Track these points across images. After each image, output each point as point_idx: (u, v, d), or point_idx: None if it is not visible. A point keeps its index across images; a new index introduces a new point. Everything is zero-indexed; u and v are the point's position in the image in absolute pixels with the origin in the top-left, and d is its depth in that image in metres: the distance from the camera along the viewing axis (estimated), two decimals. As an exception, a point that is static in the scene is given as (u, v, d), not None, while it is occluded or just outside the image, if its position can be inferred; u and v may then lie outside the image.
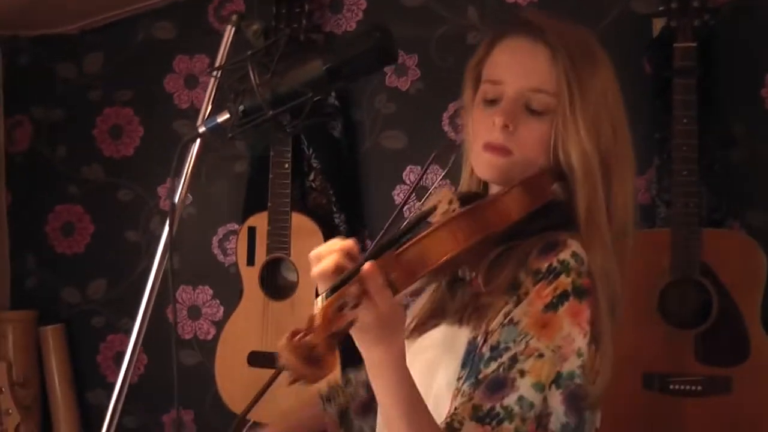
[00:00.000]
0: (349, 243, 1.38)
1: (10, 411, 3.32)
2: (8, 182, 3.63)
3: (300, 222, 3.04)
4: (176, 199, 1.65)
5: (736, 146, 2.95)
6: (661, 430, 2.74)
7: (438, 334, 1.48)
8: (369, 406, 1.72)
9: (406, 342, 1.41)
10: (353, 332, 1.22)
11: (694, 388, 2.70)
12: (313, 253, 1.37)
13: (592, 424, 1.47)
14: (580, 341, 1.33)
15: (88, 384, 3.57)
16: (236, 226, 3.29)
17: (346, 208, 3.16)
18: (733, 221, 2.92)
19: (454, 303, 1.48)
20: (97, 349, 3.57)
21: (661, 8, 2.81)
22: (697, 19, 2.73)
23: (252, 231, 3.11)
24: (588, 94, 1.43)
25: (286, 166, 3.03)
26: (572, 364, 1.32)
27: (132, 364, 1.62)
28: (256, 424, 1.74)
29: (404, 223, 1.39)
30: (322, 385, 1.69)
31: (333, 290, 1.23)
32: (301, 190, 3.21)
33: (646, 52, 2.98)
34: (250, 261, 3.12)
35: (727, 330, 2.69)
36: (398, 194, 3.10)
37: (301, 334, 1.13)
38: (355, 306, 1.17)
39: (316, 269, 1.34)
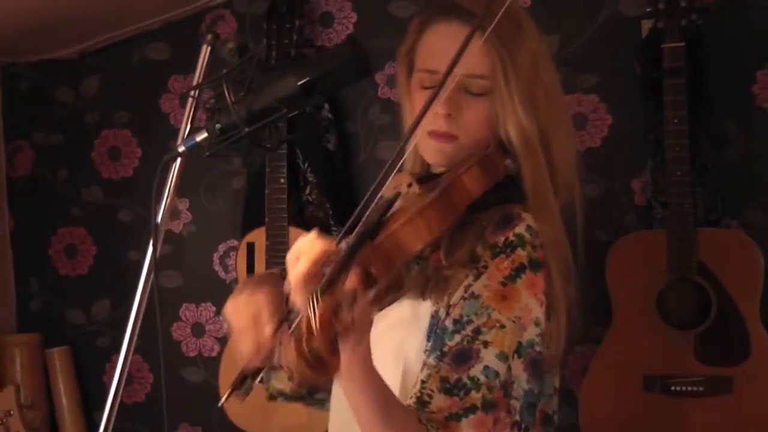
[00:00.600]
0: (325, 243, 1.31)
1: (20, 434, 3.34)
2: (11, 207, 3.66)
3: (298, 236, 2.99)
4: (158, 219, 1.65)
5: (730, 145, 2.94)
6: (663, 431, 2.73)
7: (402, 308, 1.49)
8: None
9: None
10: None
11: (695, 389, 2.69)
12: (291, 255, 1.31)
13: (551, 384, 1.51)
14: (538, 311, 1.39)
15: (96, 404, 3.58)
16: (236, 242, 3.29)
17: (343, 222, 3.14)
18: (729, 220, 2.90)
19: (412, 277, 1.49)
20: (103, 369, 3.58)
21: (648, 9, 2.82)
22: (685, 19, 2.73)
23: (251, 247, 3.12)
24: (519, 67, 1.47)
25: (282, 181, 3.03)
26: (531, 333, 1.37)
27: (122, 384, 1.61)
28: None
29: (372, 211, 1.36)
30: None
31: (323, 291, 1.17)
32: (298, 204, 3.20)
33: (636, 54, 2.97)
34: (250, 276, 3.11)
35: (727, 329, 2.69)
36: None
37: (305, 340, 1.12)
38: (351, 306, 1.16)
39: (295, 272, 1.25)
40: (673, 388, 2.71)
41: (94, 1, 3.08)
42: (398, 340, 1.49)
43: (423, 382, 1.35)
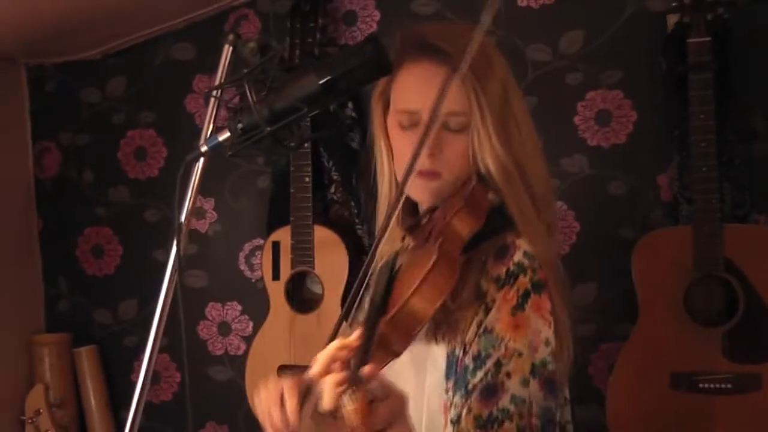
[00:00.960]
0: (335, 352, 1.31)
1: (49, 431, 3.36)
2: (38, 208, 3.68)
3: (323, 235, 3.05)
4: (182, 218, 1.66)
5: (757, 139, 2.92)
6: (690, 429, 2.72)
7: (416, 350, 1.48)
8: None
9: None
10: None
11: (723, 386, 2.68)
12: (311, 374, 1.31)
13: (561, 395, 1.52)
14: (546, 331, 1.42)
15: (124, 403, 3.60)
16: (261, 241, 3.29)
17: (368, 220, 3.16)
18: (757, 216, 2.89)
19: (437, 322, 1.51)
20: (131, 368, 3.60)
21: (674, 4, 2.80)
22: (711, 13, 2.72)
23: (276, 245, 3.13)
24: (492, 101, 1.51)
25: (307, 179, 3.04)
26: (543, 353, 1.41)
27: (147, 384, 1.62)
28: None
29: (376, 279, 1.45)
30: None
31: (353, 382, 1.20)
32: (323, 203, 3.22)
33: (662, 50, 2.95)
34: (276, 275, 3.13)
35: (755, 326, 2.67)
36: (420, 203, 3.10)
37: None
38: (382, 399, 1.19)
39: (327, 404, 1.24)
40: (700, 385, 2.70)
41: (118, 2, 3.10)
42: (416, 380, 1.51)
43: (455, 423, 1.39)
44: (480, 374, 1.39)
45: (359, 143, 3.21)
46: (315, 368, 1.25)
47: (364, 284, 1.37)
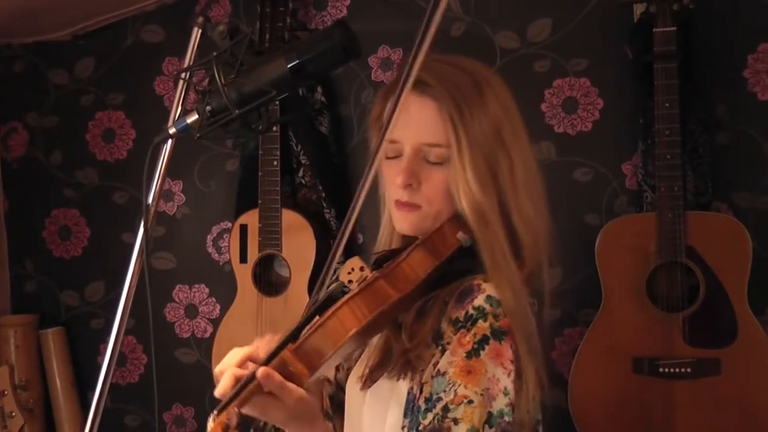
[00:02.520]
0: (246, 352, 1.40)
1: (14, 414, 3.34)
2: (5, 189, 3.65)
3: (290, 218, 3.05)
4: (150, 200, 1.66)
5: (720, 129, 2.95)
6: (651, 413, 2.74)
7: (383, 386, 1.50)
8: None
9: (356, 388, 1.54)
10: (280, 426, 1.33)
11: (683, 370, 2.70)
12: (217, 370, 1.39)
13: None
14: (505, 380, 1.36)
15: (90, 385, 3.57)
16: (229, 224, 3.29)
17: (336, 204, 3.16)
18: (719, 203, 2.92)
19: (393, 356, 1.50)
20: (97, 350, 3.59)
21: (640, -6, 2.83)
22: (676, 3, 2.73)
23: (244, 229, 3.12)
24: (476, 139, 1.44)
25: (275, 163, 3.03)
26: (500, 403, 1.35)
27: (112, 365, 1.62)
28: None
29: (314, 304, 1.41)
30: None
31: (220, 409, 1.29)
32: (291, 186, 3.21)
33: (628, 38, 2.97)
34: (243, 258, 3.12)
35: (715, 312, 2.70)
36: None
37: None
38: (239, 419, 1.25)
39: (218, 391, 1.34)
40: (661, 370, 2.72)
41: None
42: (378, 416, 1.51)
43: None
44: (429, 417, 1.36)
45: (328, 127, 3.21)
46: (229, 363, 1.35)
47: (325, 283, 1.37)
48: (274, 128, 3.02)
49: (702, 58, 2.88)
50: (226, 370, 1.36)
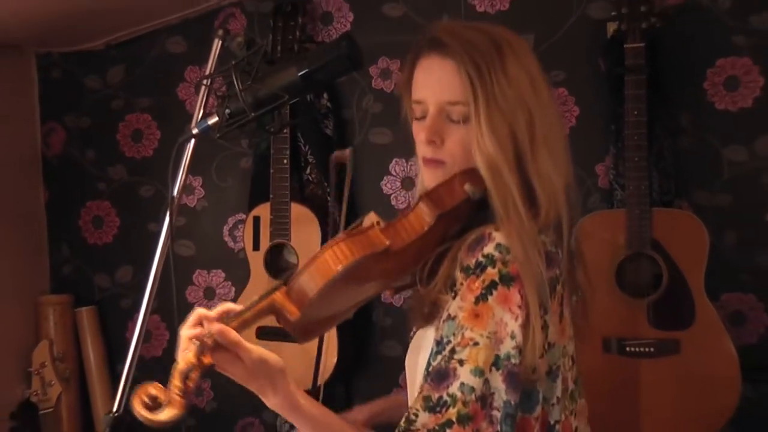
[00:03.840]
0: (199, 313, 1.36)
1: (53, 382, 3.34)
2: (45, 182, 3.64)
3: (299, 211, 3.04)
4: (175, 192, 1.65)
5: (683, 134, 2.95)
6: (619, 389, 2.74)
7: (418, 335, 1.49)
8: None
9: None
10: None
11: (647, 350, 2.71)
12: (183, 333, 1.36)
13: (553, 393, 1.42)
14: (513, 324, 1.31)
15: (119, 358, 3.59)
16: (243, 216, 3.28)
17: (339, 198, 3.15)
18: (681, 201, 2.91)
19: (414, 307, 1.48)
20: (125, 327, 3.59)
21: (613, 13, 2.81)
22: (645, 22, 2.73)
23: (257, 220, 3.11)
24: (494, 96, 1.38)
25: (285, 161, 3.03)
26: (508, 346, 1.30)
27: (140, 341, 1.61)
28: None
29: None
30: None
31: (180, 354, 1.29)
32: (299, 182, 3.20)
33: (601, 53, 2.97)
34: (256, 247, 3.12)
35: (676, 298, 2.70)
36: (385, 184, 3.10)
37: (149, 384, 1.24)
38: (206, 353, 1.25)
39: (177, 354, 1.32)
40: (627, 349, 2.72)
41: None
42: (413, 363, 1.49)
43: (413, 401, 1.33)
44: (438, 359, 1.32)
45: (333, 130, 3.21)
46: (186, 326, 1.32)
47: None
48: (285, 130, 3.01)
49: (667, 72, 2.88)
50: (182, 334, 1.32)
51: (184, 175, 1.65)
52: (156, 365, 3.50)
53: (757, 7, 2.88)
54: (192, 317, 1.32)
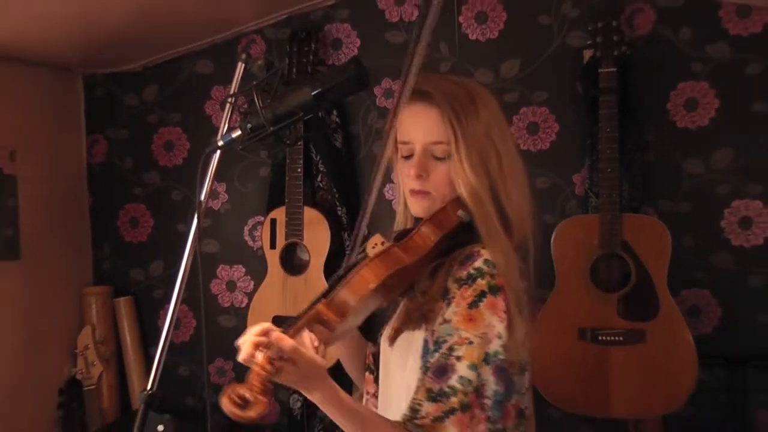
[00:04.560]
0: (265, 326, 1.32)
1: (95, 363, 3.36)
2: (89, 187, 3.64)
3: (310, 214, 3.03)
4: (202, 198, 1.64)
5: (649, 149, 2.94)
6: (592, 372, 2.74)
7: (403, 338, 1.50)
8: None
9: (388, 348, 1.53)
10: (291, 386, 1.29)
11: (617, 338, 2.70)
12: (240, 341, 1.32)
13: (522, 385, 1.46)
14: (499, 327, 1.36)
15: (151, 342, 3.58)
16: (261, 218, 3.27)
17: (346, 203, 3.15)
18: (647, 208, 2.91)
19: (405, 313, 1.51)
20: (157, 315, 3.58)
21: (588, 42, 2.82)
22: (617, 49, 2.74)
23: (273, 222, 3.10)
24: (470, 137, 1.45)
25: (299, 170, 3.02)
26: (496, 345, 1.35)
27: (171, 328, 1.60)
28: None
29: (342, 271, 1.42)
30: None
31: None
32: (311, 188, 3.19)
33: (579, 77, 2.96)
34: (272, 245, 3.10)
35: (642, 293, 2.69)
36: (387, 191, 3.09)
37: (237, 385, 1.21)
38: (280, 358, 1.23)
39: (241, 357, 1.29)
40: (600, 338, 2.72)
41: (154, 25, 3.07)
42: (400, 364, 1.51)
43: (415, 395, 1.36)
44: (437, 356, 1.36)
45: (341, 142, 3.20)
46: (252, 333, 1.28)
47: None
48: (299, 142, 3.00)
49: (636, 94, 2.87)
50: (245, 343, 1.29)
51: (210, 182, 1.63)
52: (184, 349, 3.50)
53: (713, 38, 2.89)
54: (257, 328, 1.29)
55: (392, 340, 1.53)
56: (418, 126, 1.49)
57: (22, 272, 3.18)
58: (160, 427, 1.46)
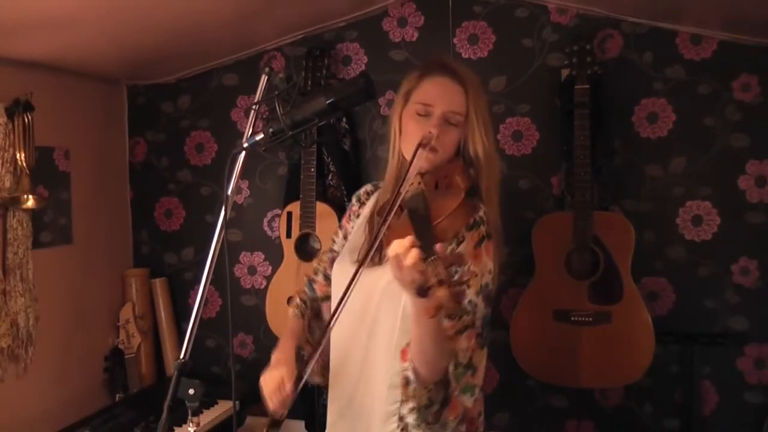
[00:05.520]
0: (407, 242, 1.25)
1: (134, 334, 3.32)
2: (131, 183, 3.59)
3: (322, 208, 2.99)
4: (228, 193, 1.59)
5: (617, 155, 2.92)
6: (565, 348, 2.71)
7: None
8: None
9: (370, 269, 1.48)
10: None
11: (587, 319, 2.69)
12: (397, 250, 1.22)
13: (489, 317, 1.52)
14: (491, 264, 1.47)
15: (183, 318, 3.54)
16: (279, 211, 3.23)
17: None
18: (614, 207, 2.89)
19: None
20: (188, 294, 3.53)
21: (566, 62, 2.81)
22: (590, 69, 2.73)
23: (290, 214, 3.06)
24: (482, 111, 1.56)
25: (312, 170, 2.97)
26: (487, 278, 1.46)
27: (201, 306, 1.54)
28: None
29: (408, 205, 1.33)
30: None
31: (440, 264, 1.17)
32: (323, 186, 3.13)
33: (557, 92, 2.92)
34: (288, 235, 3.06)
35: (609, 280, 2.67)
36: (389, 189, 3.05)
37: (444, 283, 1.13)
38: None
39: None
40: (572, 319, 2.69)
41: (187, 44, 3.04)
42: (395, 305, 1.50)
43: None
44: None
45: (350, 146, 3.16)
46: (392, 249, 1.20)
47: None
48: (313, 145, 2.96)
49: (606, 108, 2.85)
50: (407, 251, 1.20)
51: (236, 179, 1.58)
52: (211, 324, 3.45)
53: (671, 62, 2.88)
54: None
55: (380, 263, 1.54)
56: (443, 94, 1.55)
57: (74, 255, 3.15)
58: (191, 391, 1.41)
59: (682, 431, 2.77)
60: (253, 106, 1.56)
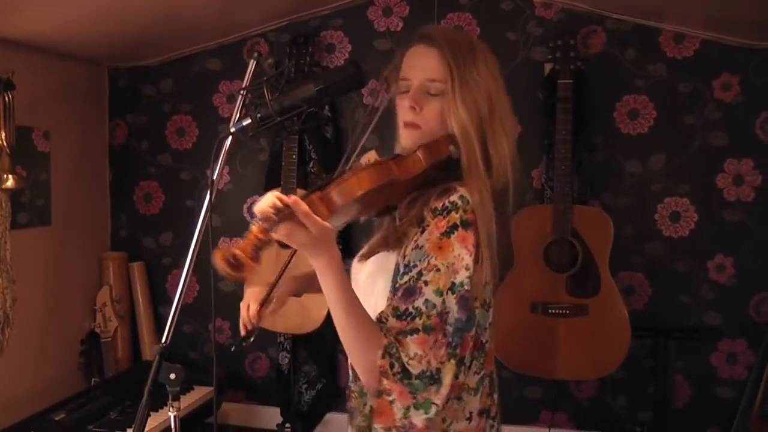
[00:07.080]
0: (282, 196, 1.26)
1: (111, 318, 3.31)
2: (110, 165, 3.56)
3: (302, 196, 2.97)
4: (214, 177, 1.58)
5: (597, 150, 2.94)
6: (543, 340, 2.73)
7: (378, 259, 1.40)
8: None
9: (359, 263, 1.43)
10: (299, 250, 1.21)
11: (564, 311, 2.70)
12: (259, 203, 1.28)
13: (486, 320, 1.37)
14: (468, 259, 1.26)
15: (160, 302, 3.52)
16: (259, 198, 3.20)
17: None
18: (594, 201, 2.91)
19: (382, 235, 1.42)
20: (165, 279, 3.52)
21: (549, 57, 2.81)
22: (573, 64, 2.74)
23: (271, 201, 3.05)
24: (466, 80, 1.35)
25: (294, 157, 2.96)
26: (462, 276, 1.25)
27: (184, 290, 1.54)
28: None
29: (337, 175, 1.33)
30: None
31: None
32: (304, 173, 3.14)
33: (540, 86, 2.93)
34: (269, 221, 3.05)
35: (587, 273, 2.70)
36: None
37: (230, 247, 1.17)
38: (274, 229, 1.18)
39: (257, 207, 1.25)
40: (550, 311, 2.71)
41: (171, 27, 3.01)
42: (370, 284, 1.41)
43: (383, 310, 1.28)
44: (406, 278, 1.26)
45: (331, 134, 3.16)
46: (272, 195, 1.23)
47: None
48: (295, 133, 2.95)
49: (587, 103, 2.87)
50: (267, 200, 1.22)
51: (222, 163, 1.58)
52: (189, 309, 3.44)
53: (653, 59, 2.91)
54: (266, 198, 1.22)
55: (366, 257, 1.44)
56: (416, 64, 1.39)
57: (52, 237, 3.13)
58: (172, 375, 1.40)
59: (655, 424, 2.80)
60: (242, 91, 1.55)
